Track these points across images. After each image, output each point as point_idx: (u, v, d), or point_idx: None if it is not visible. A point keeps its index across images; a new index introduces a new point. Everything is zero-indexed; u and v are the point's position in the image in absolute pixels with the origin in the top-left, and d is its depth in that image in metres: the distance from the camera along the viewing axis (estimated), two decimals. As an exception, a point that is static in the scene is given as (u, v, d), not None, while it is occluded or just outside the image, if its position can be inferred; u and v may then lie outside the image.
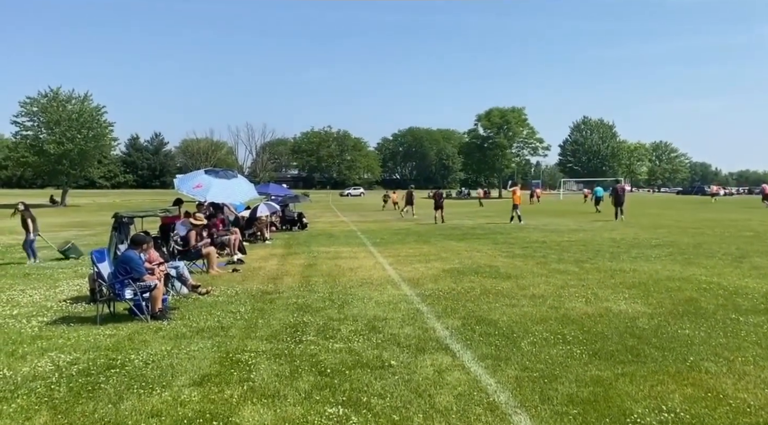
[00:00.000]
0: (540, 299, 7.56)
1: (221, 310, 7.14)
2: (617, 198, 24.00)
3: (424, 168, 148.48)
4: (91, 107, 46.25)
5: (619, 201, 23.84)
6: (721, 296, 7.56)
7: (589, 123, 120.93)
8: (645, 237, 16.06)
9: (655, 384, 4.31)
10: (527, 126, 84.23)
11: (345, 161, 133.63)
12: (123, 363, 5.04)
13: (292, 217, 21.14)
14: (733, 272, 9.52)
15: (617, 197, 24.04)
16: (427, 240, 16.03)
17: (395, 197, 44.39)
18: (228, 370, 4.79)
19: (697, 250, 12.78)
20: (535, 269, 10.26)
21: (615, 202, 24.11)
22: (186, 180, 13.06)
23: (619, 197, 23.93)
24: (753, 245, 13.74)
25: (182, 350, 5.41)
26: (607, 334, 5.73)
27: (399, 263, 11.34)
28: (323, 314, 6.81)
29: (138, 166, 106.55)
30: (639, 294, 7.75)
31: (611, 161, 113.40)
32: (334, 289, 8.51)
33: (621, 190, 24.44)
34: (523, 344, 5.44)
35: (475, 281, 9.09)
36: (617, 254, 12.13)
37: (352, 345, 5.47)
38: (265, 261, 11.89)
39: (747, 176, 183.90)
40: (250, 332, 6.05)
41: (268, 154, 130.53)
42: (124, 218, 8.88)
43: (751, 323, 6.09)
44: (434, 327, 6.14)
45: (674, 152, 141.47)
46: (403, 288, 8.53)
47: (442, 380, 4.49)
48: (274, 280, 9.46)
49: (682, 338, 5.54)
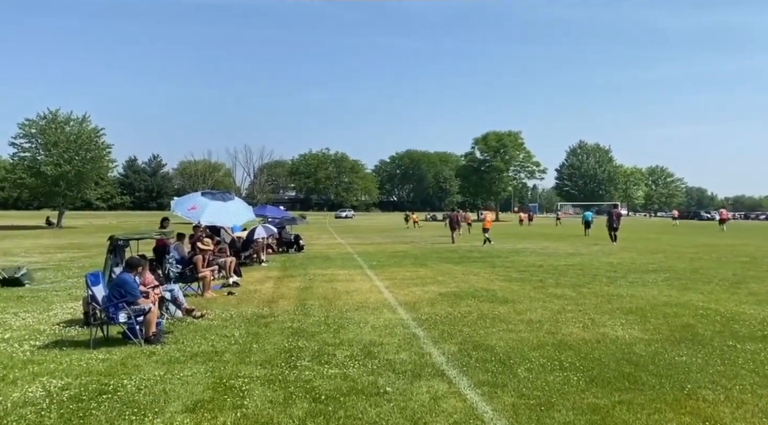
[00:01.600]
0: (537, 324, 7.52)
1: (215, 334, 7.07)
2: (612, 223, 24.15)
3: (421, 191, 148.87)
4: (90, 129, 46.37)
5: (613, 226, 23.99)
6: (718, 322, 7.53)
7: (585, 147, 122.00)
8: (642, 262, 16.06)
9: (652, 412, 4.27)
10: (524, 150, 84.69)
11: (342, 183, 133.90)
12: (115, 388, 4.98)
13: (288, 239, 21.10)
14: (730, 298, 9.50)
15: (612, 221, 24.21)
16: (424, 263, 15.99)
17: (415, 217, 49.29)
18: (221, 396, 4.73)
19: (694, 275, 12.77)
20: (532, 293, 10.23)
21: (610, 226, 24.24)
22: (182, 202, 13.07)
23: (613, 221, 24.09)
24: (749, 270, 13.74)
25: (175, 375, 5.35)
26: (604, 361, 5.69)
27: (395, 286, 11.29)
28: (318, 339, 6.76)
29: (135, 187, 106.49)
30: (636, 320, 7.72)
31: (608, 185, 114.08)
32: (330, 313, 8.46)
33: (616, 215, 24.61)
34: (520, 370, 5.39)
35: (472, 305, 9.05)
36: (614, 279, 12.11)
37: (348, 371, 5.42)
38: (260, 284, 11.83)
39: (743, 200, 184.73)
40: (244, 357, 5.99)
41: (266, 176, 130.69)
42: (119, 241, 8.84)
43: (749, 350, 6.06)
44: (430, 353, 6.09)
45: (670, 176, 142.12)
46: (399, 312, 8.48)
47: (438, 407, 4.44)
48: (269, 303, 9.40)
49: (679, 365, 5.51)
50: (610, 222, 24.28)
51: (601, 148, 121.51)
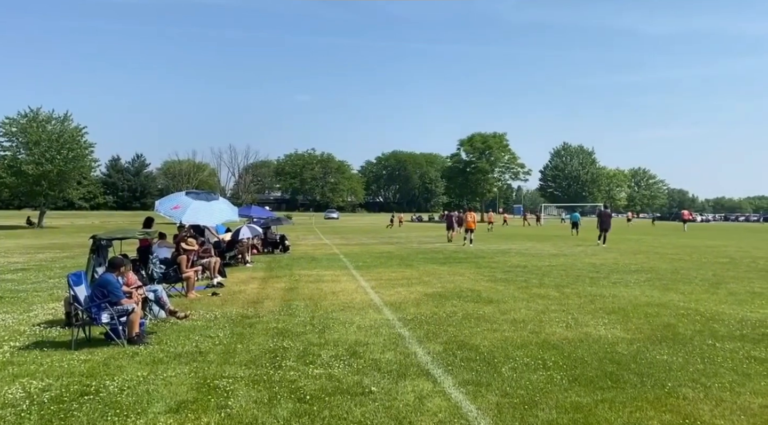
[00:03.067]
0: (521, 323, 7.58)
1: (199, 335, 7.03)
2: (602, 223, 24.45)
3: (407, 191, 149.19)
4: (71, 128, 45.78)
5: (604, 226, 24.26)
6: (699, 322, 7.65)
7: (569, 149, 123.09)
8: (624, 262, 16.25)
9: (634, 410, 4.32)
10: (509, 151, 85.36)
11: (328, 183, 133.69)
12: (97, 389, 4.93)
13: (274, 239, 21.01)
14: (709, 298, 9.65)
15: (602, 221, 24.51)
16: (410, 264, 16.03)
17: (400, 217, 51.17)
18: (205, 397, 4.71)
19: (675, 276, 12.95)
20: (517, 293, 10.30)
21: (600, 227, 24.55)
22: (166, 201, 12.95)
23: (604, 222, 24.38)
24: (729, 271, 13.97)
25: (159, 375, 5.30)
26: (586, 360, 5.75)
27: (381, 286, 11.30)
28: (303, 339, 6.74)
29: (118, 187, 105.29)
30: (618, 320, 7.81)
31: (591, 187, 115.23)
32: (315, 313, 8.44)
33: (606, 215, 24.92)
34: (504, 369, 5.43)
35: (457, 305, 9.09)
36: (597, 280, 12.24)
37: (333, 371, 5.41)
38: (245, 285, 11.77)
39: (723, 202, 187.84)
40: (228, 357, 5.96)
41: (251, 176, 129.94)
42: (102, 241, 8.74)
43: (727, 349, 6.17)
44: (416, 352, 6.11)
45: (652, 178, 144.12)
46: (385, 313, 8.49)
47: (423, 406, 4.45)
48: (254, 304, 9.36)
49: (660, 364, 5.59)
50: (601, 223, 24.60)
51: (585, 150, 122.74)
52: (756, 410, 4.30)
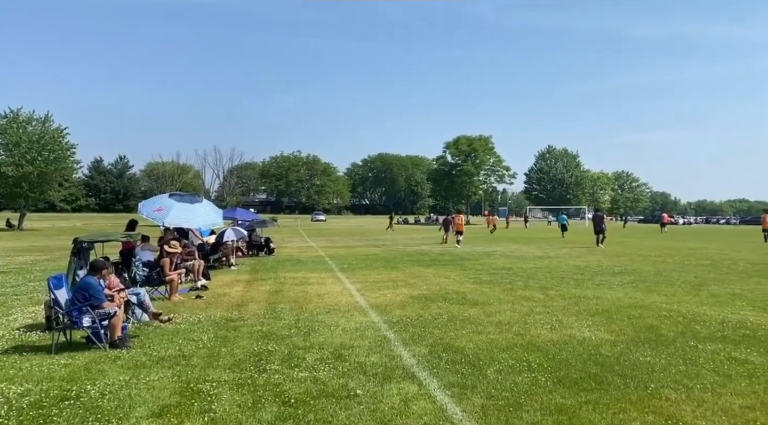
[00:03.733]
0: (506, 326, 7.61)
1: (183, 338, 6.95)
2: (597, 226, 24.81)
3: (393, 194, 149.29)
4: (53, 129, 45.10)
5: (599, 229, 24.62)
6: (681, 323, 7.74)
7: (553, 152, 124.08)
8: (608, 265, 16.39)
9: (617, 411, 4.36)
10: (494, 154, 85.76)
11: (314, 185, 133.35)
12: (78, 394, 4.85)
13: (258, 242, 20.87)
14: (691, 300, 9.77)
15: (596, 225, 24.87)
16: (396, 266, 16.02)
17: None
18: (188, 401, 4.65)
19: (657, 278, 13.10)
20: (502, 295, 10.34)
21: (596, 229, 24.93)
22: (149, 204, 12.82)
23: (599, 224, 24.74)
24: (710, 273, 14.17)
25: (141, 380, 5.23)
26: (571, 361, 5.79)
27: (367, 289, 11.28)
28: (288, 342, 6.70)
29: (101, 189, 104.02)
30: (602, 321, 7.87)
31: (575, 190, 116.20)
32: (301, 316, 8.40)
33: (600, 218, 25.32)
34: (489, 371, 5.44)
35: (442, 307, 9.10)
36: (581, 282, 12.34)
37: (318, 374, 5.39)
38: (229, 287, 11.68)
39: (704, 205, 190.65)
40: (212, 361, 5.90)
41: (236, 178, 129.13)
42: (84, 243, 8.62)
43: (709, 350, 6.25)
44: (401, 355, 6.11)
45: (635, 181, 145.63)
46: (370, 315, 8.48)
47: (408, 409, 4.45)
48: (238, 307, 9.29)
49: (643, 365, 5.64)
50: (597, 226, 24.95)
51: (569, 153, 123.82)
52: (737, 411, 4.35)
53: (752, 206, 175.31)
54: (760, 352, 6.15)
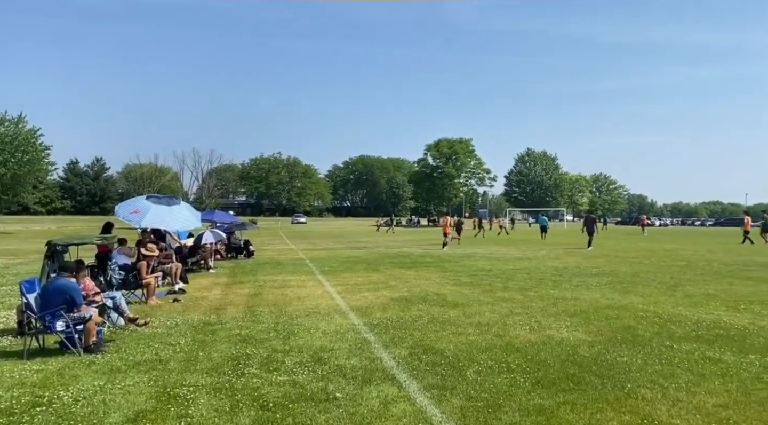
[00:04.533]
0: (486, 327, 7.64)
1: (160, 342, 6.85)
2: (589, 227, 25.27)
3: (374, 196, 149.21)
4: (26, 130, 44.20)
5: (590, 230, 25.00)
6: (657, 324, 7.85)
7: (532, 155, 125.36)
8: (586, 266, 16.59)
9: (594, 411, 4.40)
10: (474, 157, 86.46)
11: (295, 187, 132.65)
12: (50, 400, 4.74)
13: (238, 245, 20.70)
14: (667, 301, 9.92)
15: (588, 226, 25.30)
16: (377, 268, 16.01)
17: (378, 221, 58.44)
18: (165, 406, 4.58)
19: (634, 279, 13.28)
20: (482, 297, 10.39)
21: (587, 231, 25.40)
22: (126, 206, 12.64)
23: (590, 226, 25.14)
24: (685, 274, 14.41)
25: (116, 385, 5.14)
26: (549, 362, 5.83)
27: (347, 291, 11.25)
28: (267, 346, 6.65)
29: (77, 191, 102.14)
30: (580, 322, 7.95)
31: (554, 192, 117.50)
32: (280, 319, 8.34)
33: (591, 220, 25.73)
34: (469, 373, 5.46)
35: (422, 309, 9.11)
36: (560, 283, 12.46)
37: (297, 378, 5.35)
38: (208, 291, 11.56)
39: (680, 207, 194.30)
40: (189, 365, 5.82)
41: (215, 180, 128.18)
42: (57, 246, 8.46)
43: (684, 350, 6.34)
44: (381, 357, 6.09)
45: (613, 183, 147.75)
46: (350, 318, 8.45)
47: (388, 412, 4.43)
48: (216, 310, 9.19)
49: (620, 365, 5.70)
50: (588, 227, 25.33)
51: (548, 156, 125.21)
52: (710, 409, 4.42)
53: (726, 209, 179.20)
54: (733, 351, 6.26)
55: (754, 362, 5.79)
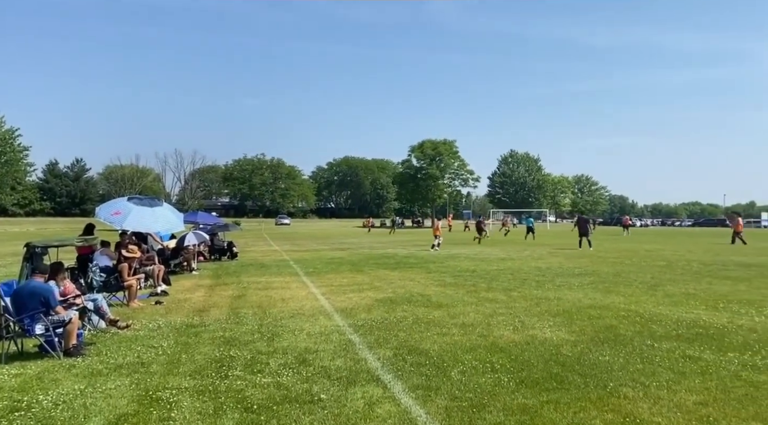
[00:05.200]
0: (470, 327, 7.68)
1: (142, 345, 6.78)
2: (582, 228, 25.40)
3: (359, 197, 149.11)
4: (4, 130, 43.60)
5: (583, 231, 25.16)
6: (638, 323, 7.95)
7: (516, 156, 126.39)
8: (569, 266, 16.74)
9: (578, 410, 4.44)
10: (458, 158, 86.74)
11: (279, 189, 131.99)
12: (29, 404, 4.67)
13: (221, 246, 20.56)
14: (648, 300, 10.05)
15: (580, 227, 25.43)
16: (361, 269, 16.00)
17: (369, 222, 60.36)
18: (147, 409, 4.53)
19: (616, 279, 13.44)
20: (466, 297, 10.44)
21: (580, 232, 25.57)
22: (107, 207, 12.49)
23: (583, 227, 25.28)
24: (666, 274, 14.62)
25: (97, 388, 5.07)
26: (533, 362, 5.88)
27: (332, 293, 11.23)
28: (251, 348, 6.61)
29: (56, 193, 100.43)
30: (563, 322, 8.02)
31: (537, 193, 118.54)
32: (264, 321, 8.29)
33: (584, 221, 25.88)
34: (453, 373, 5.48)
35: (407, 310, 9.12)
36: (543, 283, 12.56)
37: (281, 380, 5.32)
38: (191, 293, 11.45)
39: (660, 208, 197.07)
40: (172, 368, 5.76)
41: (198, 181, 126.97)
42: (37, 248, 8.32)
43: (665, 348, 6.43)
44: (366, 358, 6.09)
45: (595, 185, 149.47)
46: (335, 319, 8.43)
47: (373, 413, 4.43)
48: (200, 312, 9.12)
49: (602, 364, 5.77)
50: (581, 228, 25.54)
51: (531, 157, 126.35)
52: (690, 407, 4.49)
53: (705, 209, 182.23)
54: (713, 349, 6.36)
55: (732, 360, 5.90)
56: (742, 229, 30.43)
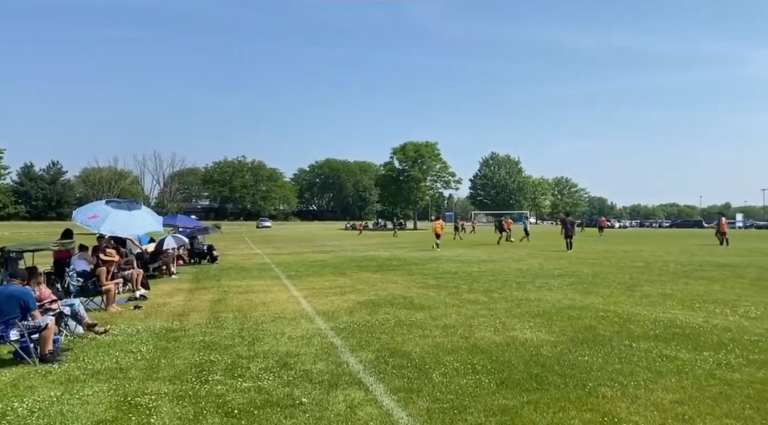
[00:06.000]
0: (451, 329, 7.71)
1: (120, 350, 6.69)
2: (567, 230, 25.64)
3: (341, 199, 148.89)
4: (-22, 132, 42.62)
5: (568, 233, 25.42)
6: (617, 323, 8.06)
7: (497, 159, 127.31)
8: (549, 267, 16.90)
9: (557, 410, 4.49)
10: (440, 160, 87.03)
11: (260, 191, 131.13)
12: (4, 412, 4.58)
13: (201, 250, 20.35)
14: (626, 301, 10.20)
15: (567, 229, 25.67)
16: (343, 272, 15.97)
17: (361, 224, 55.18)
18: (125, 415, 4.47)
19: (595, 279, 13.61)
20: (447, 299, 10.48)
21: (565, 234, 25.75)
22: (84, 211, 12.28)
23: (569, 229, 25.53)
24: (644, 274, 14.84)
25: (74, 395, 4.99)
26: (513, 363, 5.93)
27: (314, 296, 11.19)
28: (232, 352, 6.56)
29: (32, 196, 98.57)
30: (543, 323, 8.10)
31: (518, 195, 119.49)
32: (245, 325, 8.23)
33: (570, 223, 26.14)
34: (435, 375, 5.50)
35: (389, 312, 9.13)
36: (523, 284, 12.66)
37: (262, 384, 5.29)
38: (170, 297, 11.32)
39: (639, 209, 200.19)
40: (151, 373, 5.70)
41: (177, 184, 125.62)
42: (11, 253, 8.17)
43: (642, 348, 6.53)
44: (348, 361, 6.08)
45: (574, 186, 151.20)
46: (317, 322, 8.41)
47: (354, 416, 4.43)
48: (179, 317, 9.02)
49: (581, 364, 5.84)
50: (566, 230, 25.75)
51: (511, 159, 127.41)
52: (667, 405, 4.57)
53: (682, 210, 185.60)
54: (689, 349, 6.48)
55: (707, 359, 6.01)
56: (727, 229, 30.90)
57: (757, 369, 5.60)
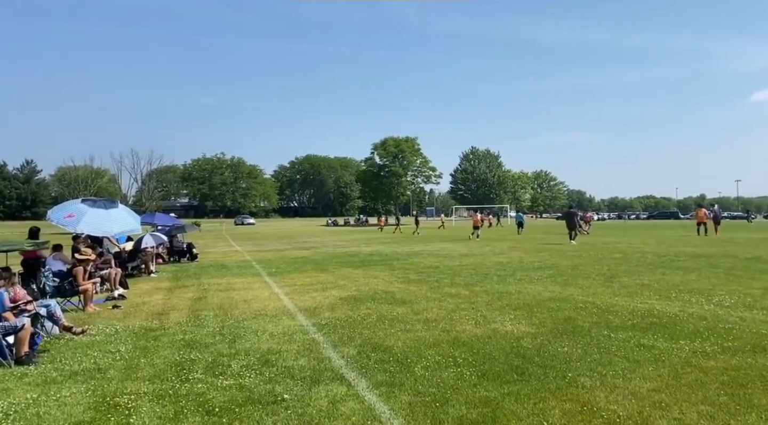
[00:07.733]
0: (433, 323, 7.75)
1: (98, 350, 6.59)
2: (570, 222, 25.92)
3: (322, 196, 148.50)
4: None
5: (572, 225, 25.76)
6: (595, 314, 8.17)
7: (477, 153, 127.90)
8: (529, 260, 17.06)
9: (537, 401, 4.54)
10: (420, 155, 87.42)
11: (240, 188, 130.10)
12: (-22, 416, 4.48)
13: (180, 248, 20.13)
14: (605, 292, 10.34)
15: (568, 221, 25.94)
16: (325, 268, 15.93)
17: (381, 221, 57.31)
18: (104, 416, 4.41)
19: (574, 271, 13.77)
20: (429, 293, 10.52)
21: (568, 225, 26.10)
22: (59, 210, 12.06)
23: (570, 221, 25.86)
24: (622, 266, 15.06)
25: (51, 397, 4.91)
26: (494, 355, 5.97)
27: (295, 292, 11.15)
28: (213, 350, 6.50)
29: (5, 196, 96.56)
30: (523, 315, 8.18)
31: (498, 189, 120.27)
32: (226, 323, 8.17)
33: (572, 215, 26.63)
34: (417, 368, 5.52)
35: (371, 308, 9.13)
36: (504, 277, 12.77)
37: (243, 381, 5.26)
38: (149, 296, 11.19)
39: (617, 202, 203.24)
40: (130, 373, 5.63)
41: (155, 182, 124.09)
42: (-16, 253, 8.00)
43: (620, 338, 6.63)
44: (330, 357, 6.08)
45: (553, 180, 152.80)
46: (299, 318, 8.38)
47: (336, 411, 4.43)
48: (159, 316, 8.92)
49: (561, 355, 5.91)
50: (569, 222, 26.06)
51: (491, 154, 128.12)
52: (645, 394, 4.65)
53: (659, 202, 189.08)
54: (665, 338, 6.60)
55: (683, 347, 6.13)
56: (706, 219, 31.52)
57: (731, 357, 5.72)
